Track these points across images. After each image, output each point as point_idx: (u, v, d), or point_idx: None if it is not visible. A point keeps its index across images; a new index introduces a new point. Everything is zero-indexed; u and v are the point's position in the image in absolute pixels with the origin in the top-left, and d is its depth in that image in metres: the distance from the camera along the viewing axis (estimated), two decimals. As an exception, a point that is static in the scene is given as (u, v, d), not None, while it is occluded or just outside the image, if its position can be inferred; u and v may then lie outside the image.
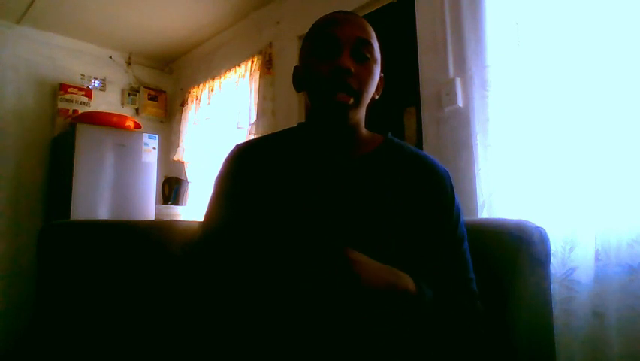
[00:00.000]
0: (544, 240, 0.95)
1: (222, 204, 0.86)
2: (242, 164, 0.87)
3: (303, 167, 0.84)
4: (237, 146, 0.91)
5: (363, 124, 0.88)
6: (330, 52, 0.79)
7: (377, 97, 0.89)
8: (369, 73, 0.81)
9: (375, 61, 0.83)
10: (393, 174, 0.82)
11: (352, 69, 0.77)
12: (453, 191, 0.85)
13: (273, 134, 0.95)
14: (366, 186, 0.80)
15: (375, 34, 0.87)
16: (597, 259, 1.27)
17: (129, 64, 3.63)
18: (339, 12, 0.86)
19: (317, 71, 0.80)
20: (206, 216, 0.88)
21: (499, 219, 1.38)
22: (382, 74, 0.89)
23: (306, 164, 0.84)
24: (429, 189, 0.82)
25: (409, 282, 0.70)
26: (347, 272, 0.64)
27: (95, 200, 2.80)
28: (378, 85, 0.88)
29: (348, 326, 0.70)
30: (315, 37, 0.83)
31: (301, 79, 0.87)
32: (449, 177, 0.86)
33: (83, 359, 1.04)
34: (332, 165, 0.83)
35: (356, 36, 0.80)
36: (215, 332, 0.79)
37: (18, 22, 3.07)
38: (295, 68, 0.90)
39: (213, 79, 3.21)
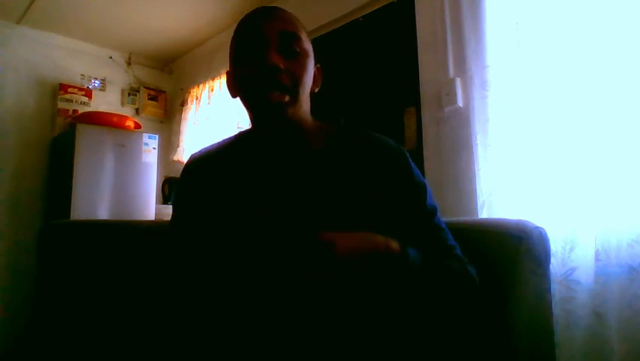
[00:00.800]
0: (544, 240, 0.95)
1: (181, 213, 0.86)
2: (196, 173, 0.86)
3: (255, 170, 0.81)
4: (192, 156, 0.91)
5: (308, 118, 0.84)
6: (256, 51, 0.76)
7: (317, 89, 0.86)
8: (302, 67, 0.78)
9: (306, 53, 0.79)
10: (348, 162, 0.79)
11: (281, 66, 0.74)
12: (411, 166, 0.81)
13: (228, 137, 0.93)
14: (324, 180, 0.77)
15: (303, 25, 0.83)
16: (597, 259, 1.27)
17: (129, 64, 3.63)
18: (260, 8, 0.82)
19: (245, 73, 0.77)
20: (170, 222, 0.88)
21: (499, 219, 1.38)
22: (319, 65, 0.86)
23: (258, 167, 0.81)
24: (386, 170, 0.78)
25: (390, 241, 0.66)
26: (318, 245, 0.60)
27: (95, 200, 2.80)
28: (315, 76, 0.85)
29: (325, 296, 0.67)
30: (239, 37, 0.80)
31: (234, 85, 0.84)
32: (405, 153, 0.83)
33: (82, 358, 1.04)
34: (283, 164, 0.79)
35: (281, 30, 0.76)
36: (196, 330, 0.77)
37: (18, 22, 3.07)
38: (227, 73, 0.87)
39: (213, 79, 3.21)
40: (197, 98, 3.34)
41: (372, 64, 2.24)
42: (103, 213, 2.81)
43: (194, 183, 0.86)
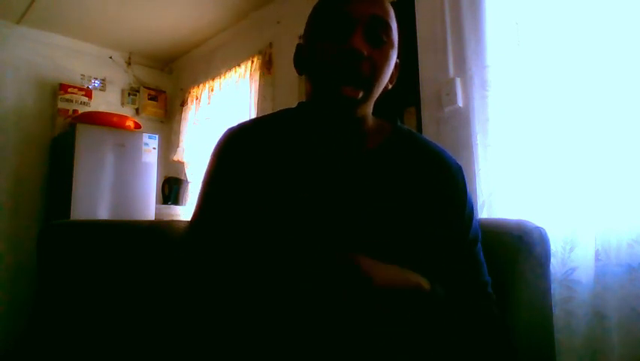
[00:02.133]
0: (544, 240, 0.95)
1: (218, 196, 0.76)
2: (236, 153, 0.76)
3: (307, 161, 0.73)
4: (230, 130, 0.81)
5: (370, 114, 0.78)
6: (339, 31, 0.67)
7: (390, 87, 0.78)
8: (386, 58, 0.70)
9: (392, 45, 0.71)
10: (404, 168, 0.74)
11: (365, 53, 0.66)
12: (466, 187, 0.77)
13: (269, 115, 0.84)
14: (377, 184, 0.72)
15: (395, 15, 0.74)
16: (597, 259, 1.27)
17: (129, 64, 3.63)
18: None
19: (322, 53, 0.68)
20: (199, 208, 0.78)
21: (499, 219, 1.38)
22: (399, 60, 0.77)
23: (311, 157, 0.74)
24: (441, 186, 0.74)
25: (420, 279, 0.63)
26: (357, 275, 0.57)
27: (95, 200, 2.80)
28: (393, 73, 0.76)
29: (363, 329, 0.62)
30: (322, 12, 0.71)
31: (303, 60, 0.75)
32: (462, 172, 0.78)
33: (82, 359, 1.04)
34: (339, 160, 0.73)
35: (372, 14, 0.67)
36: (213, 332, 0.72)
37: (18, 22, 3.07)
38: (298, 45, 0.78)
39: (213, 79, 3.21)
40: (197, 98, 3.34)
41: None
42: (103, 213, 2.81)
43: (233, 164, 0.75)
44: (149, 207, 3.00)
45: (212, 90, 3.21)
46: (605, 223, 1.28)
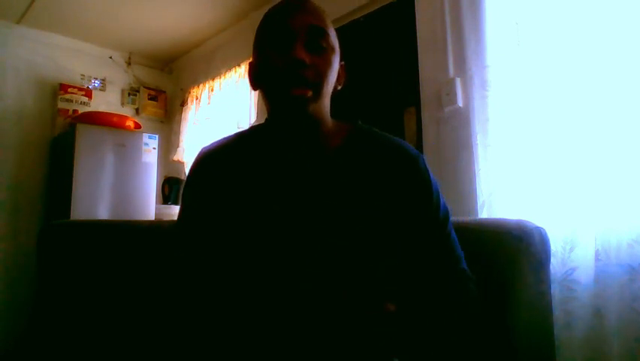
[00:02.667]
0: (544, 240, 0.95)
1: (191, 210, 0.83)
2: (208, 168, 0.83)
3: (273, 171, 0.79)
4: (203, 150, 0.88)
5: (328, 116, 0.82)
6: (282, 44, 0.74)
7: (340, 87, 0.85)
8: (328, 63, 0.76)
9: (333, 50, 0.77)
10: (365, 165, 0.78)
11: (307, 61, 0.72)
12: (428, 172, 0.81)
13: (241, 132, 0.91)
14: (341, 184, 0.76)
15: (330, 21, 0.81)
16: (597, 259, 1.27)
17: (129, 64, 3.62)
18: (289, 1, 0.79)
19: (270, 65, 0.75)
20: (178, 221, 0.85)
21: (499, 219, 1.37)
22: (343, 62, 0.84)
23: (276, 167, 0.79)
24: (403, 174, 0.78)
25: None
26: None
27: (95, 200, 2.80)
28: (339, 74, 0.83)
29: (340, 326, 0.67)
30: (265, 28, 0.78)
31: (256, 76, 0.82)
32: (422, 158, 0.82)
33: (82, 358, 1.04)
34: (299, 161, 0.78)
35: (309, 24, 0.74)
36: (200, 331, 0.76)
37: (18, 22, 3.07)
38: (249, 64, 0.85)
39: (213, 79, 3.21)
40: (197, 98, 3.34)
41: (372, 64, 2.24)
42: (103, 213, 2.81)
43: (206, 178, 0.83)
44: (149, 207, 3.00)
45: (212, 90, 3.21)
46: (605, 223, 1.28)
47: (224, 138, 0.89)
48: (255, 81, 0.83)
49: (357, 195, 0.75)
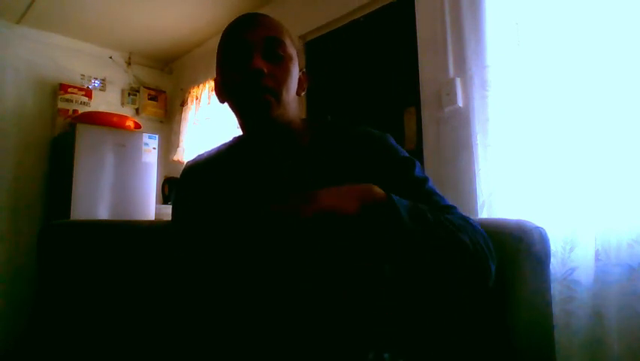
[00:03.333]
0: (544, 240, 0.95)
1: (179, 216, 0.91)
2: (191, 178, 0.91)
3: (245, 169, 0.85)
4: (187, 163, 0.96)
5: (296, 118, 0.86)
6: (242, 57, 0.78)
7: (302, 93, 0.88)
8: (286, 71, 0.80)
9: (290, 58, 0.82)
10: (334, 153, 0.82)
11: (265, 70, 0.76)
12: (394, 145, 0.84)
13: (223, 143, 0.97)
14: (311, 173, 0.80)
15: (287, 32, 0.85)
16: (597, 259, 1.27)
17: (129, 64, 3.62)
18: (245, 15, 0.84)
19: (233, 78, 0.80)
20: (169, 228, 0.93)
21: (499, 219, 1.37)
22: (304, 70, 0.89)
23: (248, 166, 0.85)
24: (371, 153, 0.81)
25: (373, 190, 0.65)
26: (281, 213, 0.63)
27: (95, 200, 2.80)
28: (301, 80, 0.87)
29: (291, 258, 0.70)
30: (225, 45, 0.82)
31: (220, 90, 0.87)
32: (388, 136, 0.85)
33: (82, 358, 1.04)
34: (271, 161, 0.83)
35: (265, 36, 0.79)
36: (194, 327, 0.79)
37: (18, 22, 3.07)
38: (214, 80, 0.90)
39: (213, 79, 3.20)
40: (197, 98, 3.34)
41: (372, 64, 2.24)
42: (103, 213, 2.81)
43: (189, 187, 0.90)
44: (149, 207, 3.00)
45: (212, 90, 3.21)
46: (605, 223, 1.28)
47: (208, 151, 0.97)
48: (221, 95, 0.88)
49: (332, 182, 0.75)
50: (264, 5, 2.86)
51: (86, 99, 3.29)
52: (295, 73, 0.83)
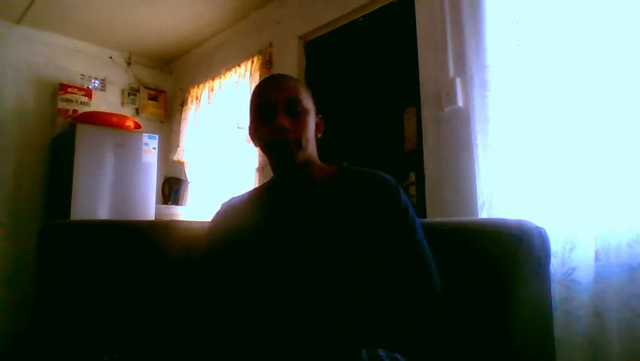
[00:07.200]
0: (544, 240, 0.95)
1: (211, 252, 1.03)
2: (225, 214, 1.07)
3: (271, 202, 1.02)
4: (223, 204, 1.11)
5: (315, 159, 1.03)
6: (269, 115, 0.97)
7: (320, 136, 1.06)
8: (304, 124, 0.98)
9: (307, 112, 0.99)
10: (347, 189, 0.96)
11: (287, 125, 0.94)
12: (400, 194, 0.96)
13: (253, 189, 1.15)
14: (326, 205, 0.95)
15: (303, 87, 1.04)
16: (597, 259, 1.27)
17: (129, 64, 3.62)
18: (271, 77, 1.05)
19: (262, 133, 0.99)
20: (203, 257, 1.05)
21: (499, 219, 1.38)
22: (320, 115, 1.07)
23: (274, 199, 1.02)
24: (378, 200, 0.93)
25: None
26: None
27: (95, 200, 2.80)
28: (318, 125, 1.05)
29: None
30: (255, 105, 1.01)
31: (253, 137, 1.05)
32: (396, 183, 0.98)
33: (82, 358, 1.04)
34: (295, 193, 1.00)
35: (287, 97, 0.97)
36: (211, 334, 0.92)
37: (18, 22, 3.07)
38: (249, 128, 1.07)
39: (213, 79, 3.21)
40: (197, 98, 3.34)
41: (372, 64, 2.24)
42: (103, 213, 2.81)
43: (221, 225, 1.06)
44: (149, 207, 3.00)
45: (212, 90, 3.21)
46: (605, 223, 1.28)
47: (243, 193, 1.13)
48: (254, 141, 1.06)
49: (341, 212, 0.93)
50: (264, 5, 2.86)
51: (86, 99, 3.29)
52: (312, 122, 1.01)
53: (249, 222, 1.01)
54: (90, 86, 3.37)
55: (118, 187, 2.89)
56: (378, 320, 0.83)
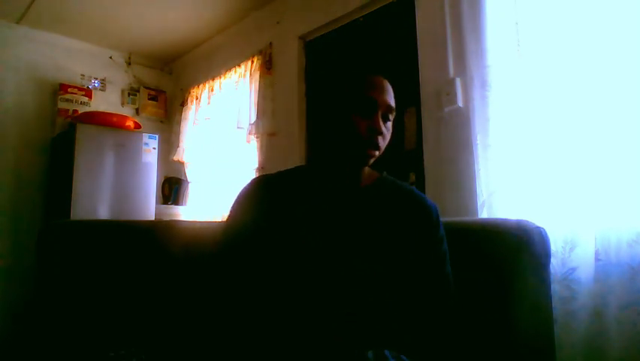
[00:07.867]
0: (544, 240, 0.95)
1: (244, 219, 0.97)
2: (263, 191, 1.01)
3: (315, 200, 0.97)
4: (258, 177, 1.07)
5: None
6: (367, 111, 0.93)
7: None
8: (390, 132, 0.97)
9: (392, 121, 0.98)
10: (388, 207, 0.96)
11: (382, 130, 0.92)
12: (440, 224, 0.96)
13: (297, 167, 1.09)
14: (368, 213, 0.94)
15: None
16: (597, 258, 1.27)
17: (129, 64, 3.63)
18: (378, 77, 1.01)
19: (357, 126, 0.93)
20: (228, 226, 0.99)
21: (499, 219, 1.38)
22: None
23: (320, 198, 0.97)
24: (419, 223, 0.94)
25: None
26: None
27: (95, 200, 2.80)
28: None
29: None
30: (356, 96, 0.95)
31: (330, 125, 0.98)
32: (437, 210, 0.98)
33: (82, 358, 1.04)
34: (340, 195, 0.97)
35: (388, 104, 0.95)
36: (223, 331, 0.89)
37: (18, 22, 3.07)
38: (320, 115, 1.01)
39: (213, 79, 3.21)
40: (197, 98, 3.34)
41: (372, 64, 2.24)
42: (103, 213, 2.81)
43: (256, 199, 1.00)
44: (149, 207, 3.00)
45: (212, 90, 3.21)
46: (605, 223, 1.28)
47: (276, 173, 1.07)
48: (329, 127, 0.98)
49: (382, 226, 0.92)
50: (264, 5, 2.86)
51: (86, 99, 3.29)
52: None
53: (293, 207, 0.96)
54: (90, 86, 3.37)
55: (118, 187, 2.89)
56: (391, 325, 0.84)
